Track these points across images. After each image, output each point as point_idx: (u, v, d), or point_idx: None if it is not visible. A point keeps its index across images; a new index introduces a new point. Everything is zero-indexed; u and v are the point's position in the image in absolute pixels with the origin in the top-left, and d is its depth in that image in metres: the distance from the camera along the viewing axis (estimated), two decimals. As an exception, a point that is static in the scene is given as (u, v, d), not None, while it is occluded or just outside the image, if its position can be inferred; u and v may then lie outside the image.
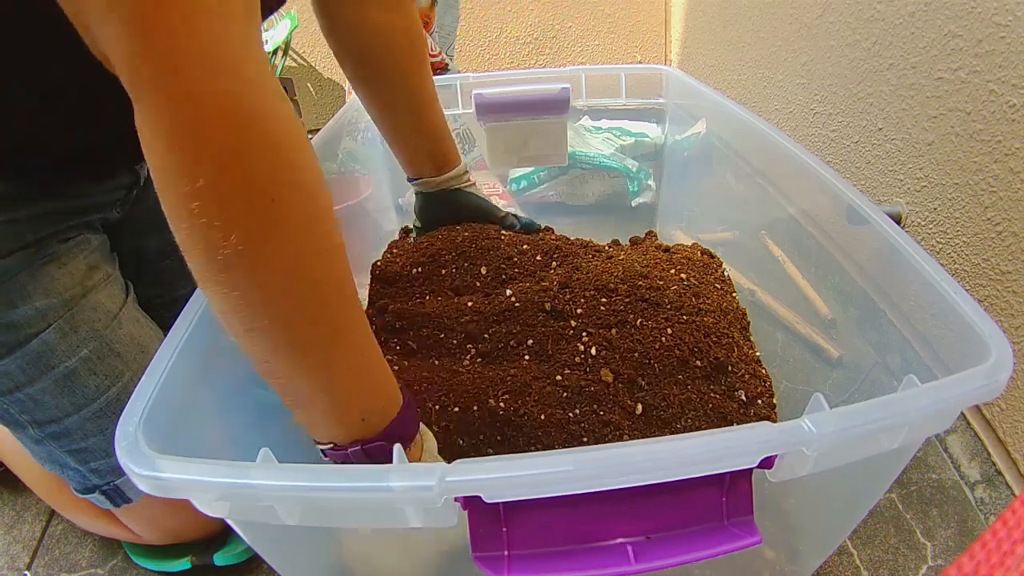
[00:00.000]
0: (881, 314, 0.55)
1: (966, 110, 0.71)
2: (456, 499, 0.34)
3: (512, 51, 1.71)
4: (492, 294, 0.67)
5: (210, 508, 0.36)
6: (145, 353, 0.61)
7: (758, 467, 0.36)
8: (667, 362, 0.59)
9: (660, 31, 1.71)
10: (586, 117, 1.13)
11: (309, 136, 0.40)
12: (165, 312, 0.67)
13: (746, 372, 0.62)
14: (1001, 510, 0.49)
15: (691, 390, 0.59)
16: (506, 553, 0.36)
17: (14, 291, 0.55)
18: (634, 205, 1.06)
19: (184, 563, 0.70)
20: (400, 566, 0.49)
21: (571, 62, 1.73)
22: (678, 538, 0.37)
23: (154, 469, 0.35)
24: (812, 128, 1.05)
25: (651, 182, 1.07)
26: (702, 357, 0.60)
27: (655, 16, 1.69)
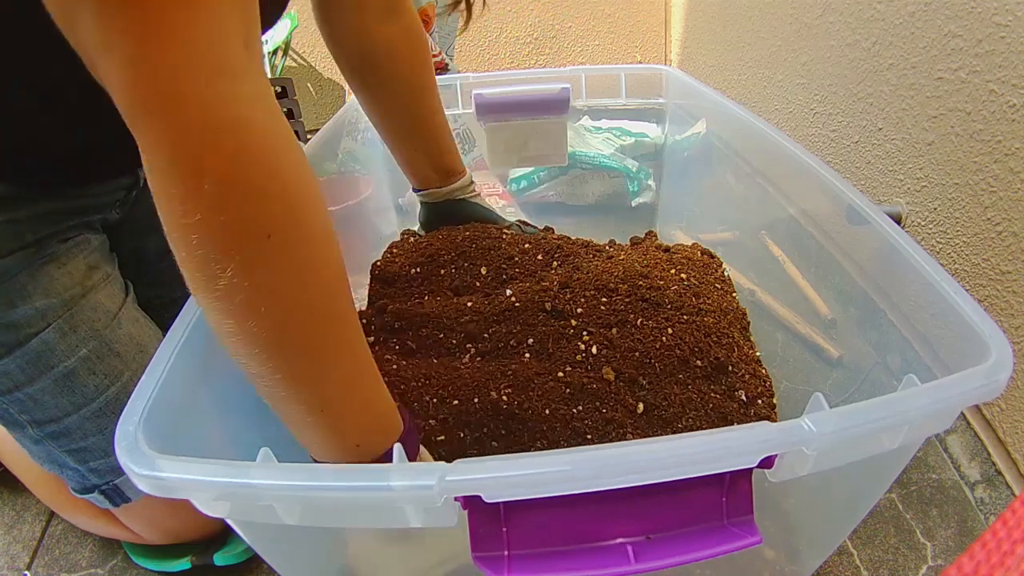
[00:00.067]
0: (881, 314, 0.55)
1: (966, 110, 0.71)
2: (456, 499, 0.34)
3: (512, 51, 1.71)
4: (492, 294, 0.67)
5: (210, 508, 0.36)
6: (144, 353, 0.61)
7: (758, 467, 0.36)
8: (668, 361, 0.59)
9: (660, 31, 1.71)
10: (586, 117, 1.13)
11: (309, 136, 0.40)
12: (164, 312, 0.67)
13: (746, 372, 0.62)
14: (1001, 510, 0.49)
15: (692, 390, 0.59)
16: (506, 553, 0.36)
17: (14, 291, 0.55)
18: (634, 205, 1.06)
19: (184, 563, 0.70)
20: (401, 565, 0.49)
21: (571, 62, 1.73)
22: (678, 538, 0.37)
23: (154, 469, 0.35)
24: (812, 128, 1.05)
25: (651, 182, 1.07)
26: (702, 357, 0.60)
27: (655, 16, 1.69)
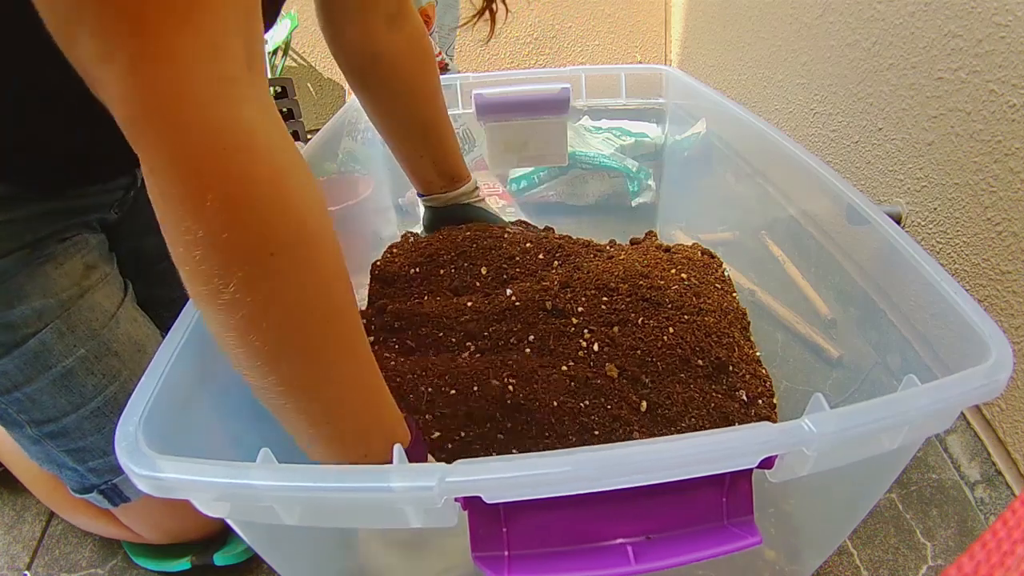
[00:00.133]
0: (881, 314, 0.55)
1: (966, 110, 0.71)
2: (456, 499, 0.34)
3: (512, 51, 1.71)
4: (492, 294, 0.67)
5: (210, 508, 0.36)
6: (143, 352, 0.61)
7: (758, 467, 0.36)
8: (670, 360, 0.59)
9: (660, 31, 1.71)
10: (586, 117, 1.13)
11: (309, 136, 0.40)
12: (164, 312, 0.67)
13: (747, 372, 0.62)
14: (1001, 510, 0.49)
15: (694, 389, 0.59)
16: (506, 553, 0.36)
17: (12, 291, 0.55)
18: (634, 205, 1.06)
19: (184, 563, 0.70)
20: (402, 565, 0.49)
21: (571, 62, 1.73)
22: (678, 538, 0.36)
23: (154, 469, 0.35)
24: (812, 128, 1.05)
25: (651, 182, 1.07)
26: (704, 356, 0.60)
27: (655, 16, 1.69)
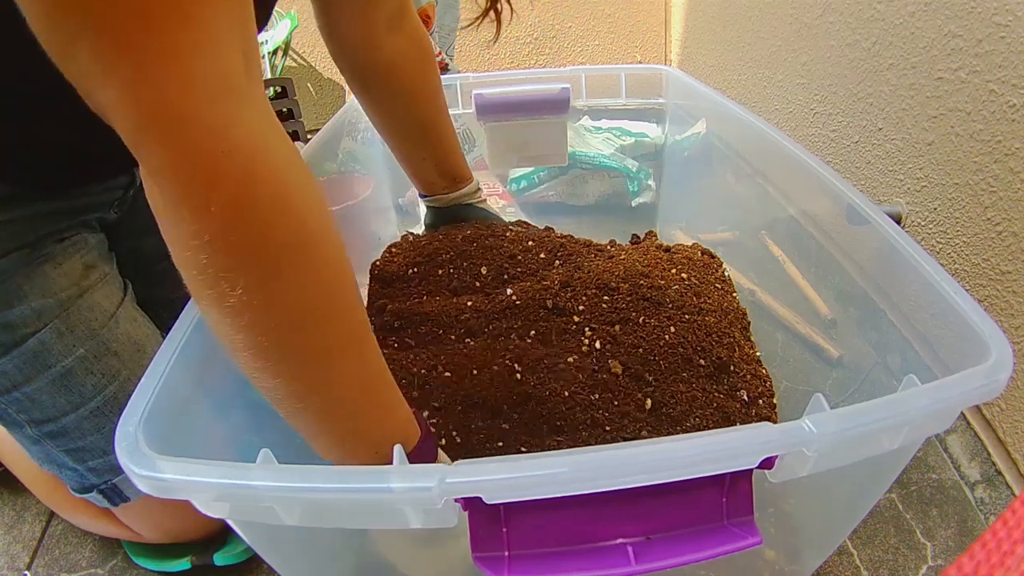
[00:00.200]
0: (881, 314, 0.55)
1: (966, 110, 0.71)
2: (456, 500, 0.34)
3: (512, 51, 1.71)
4: (492, 293, 0.67)
5: (210, 509, 0.36)
6: (142, 352, 0.61)
7: (758, 467, 0.36)
8: (672, 360, 0.59)
9: (660, 31, 1.71)
10: (586, 117, 1.12)
11: (309, 136, 0.40)
12: (163, 312, 0.67)
13: (747, 372, 0.62)
14: (1001, 510, 0.49)
15: (696, 388, 0.59)
16: (506, 554, 0.36)
17: (11, 291, 0.55)
18: (634, 205, 1.06)
19: (184, 563, 0.70)
20: (403, 565, 0.49)
21: (571, 62, 1.73)
22: (678, 539, 0.36)
23: (154, 470, 0.35)
24: (812, 128, 1.05)
25: (651, 182, 1.07)
26: (705, 356, 0.60)
27: (655, 16, 1.69)
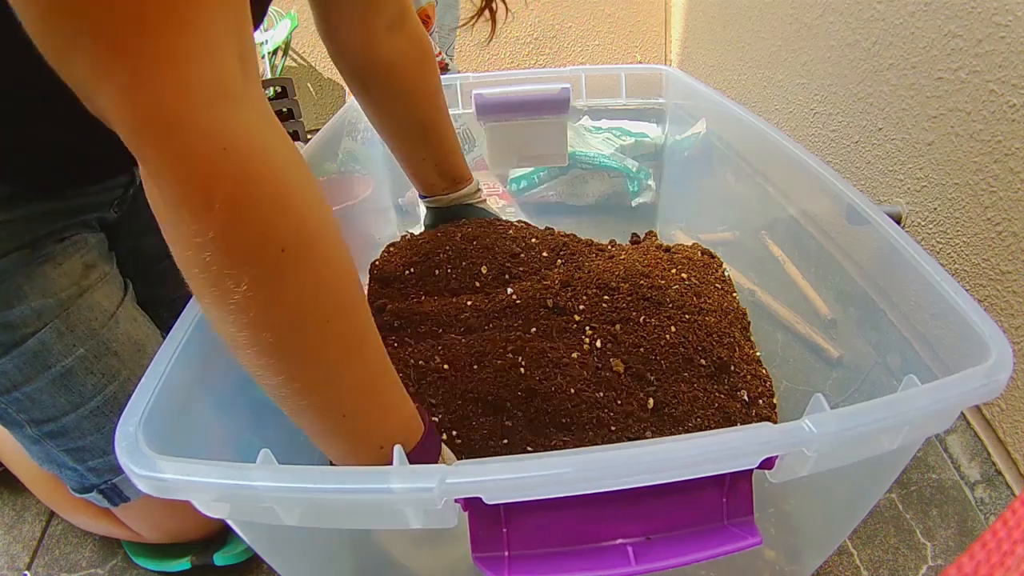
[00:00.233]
0: (881, 314, 0.55)
1: (966, 110, 0.71)
2: (456, 500, 0.34)
3: (512, 51, 1.71)
4: (492, 293, 0.67)
5: (210, 509, 0.36)
6: (142, 352, 0.61)
7: (759, 467, 0.36)
8: (673, 359, 0.59)
9: (660, 31, 1.71)
10: (586, 117, 1.12)
11: (309, 136, 0.40)
12: (164, 311, 0.67)
13: (748, 372, 0.62)
14: (1001, 510, 0.49)
15: (697, 388, 0.59)
16: (506, 554, 0.36)
17: (10, 291, 0.55)
18: (634, 205, 1.06)
19: (184, 563, 0.70)
20: (403, 565, 0.49)
21: (571, 62, 1.73)
22: (678, 539, 0.36)
23: (154, 470, 0.35)
24: (812, 128, 1.05)
25: (651, 182, 1.07)
26: (706, 356, 0.60)
27: (655, 16, 1.69)
